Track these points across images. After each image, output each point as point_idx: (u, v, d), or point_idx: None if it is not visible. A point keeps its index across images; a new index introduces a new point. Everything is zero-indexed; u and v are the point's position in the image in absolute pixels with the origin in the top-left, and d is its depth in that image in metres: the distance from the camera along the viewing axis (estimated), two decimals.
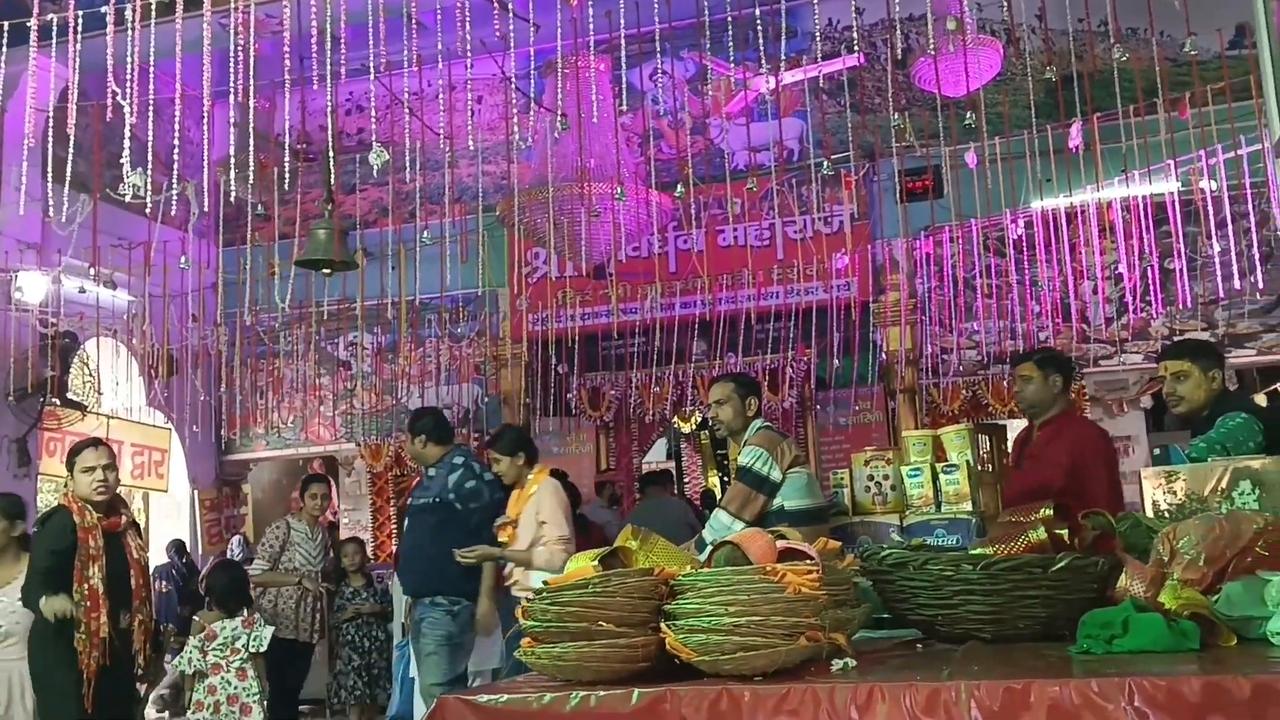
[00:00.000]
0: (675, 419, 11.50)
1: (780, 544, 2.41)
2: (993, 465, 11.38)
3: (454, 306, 10.37)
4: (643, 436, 12.09)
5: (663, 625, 2.18)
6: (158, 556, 10.97)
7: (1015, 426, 10.71)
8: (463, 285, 9.93)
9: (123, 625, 4.13)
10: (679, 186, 6.61)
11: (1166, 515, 3.07)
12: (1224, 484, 3.05)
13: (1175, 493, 3.11)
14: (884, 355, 9.68)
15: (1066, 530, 2.72)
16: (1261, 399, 9.14)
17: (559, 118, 5.49)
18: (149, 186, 5.16)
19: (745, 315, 9.69)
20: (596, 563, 2.31)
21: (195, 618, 6.10)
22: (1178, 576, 2.55)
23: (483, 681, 6.09)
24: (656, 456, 13.03)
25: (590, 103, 6.83)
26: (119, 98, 4.45)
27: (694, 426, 12.34)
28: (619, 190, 6.48)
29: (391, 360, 10.78)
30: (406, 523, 5.88)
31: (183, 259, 6.18)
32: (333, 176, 5.28)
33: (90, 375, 9.90)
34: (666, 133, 10.36)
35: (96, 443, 4.45)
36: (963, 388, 9.62)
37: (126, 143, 4.57)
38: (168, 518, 10.97)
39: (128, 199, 4.58)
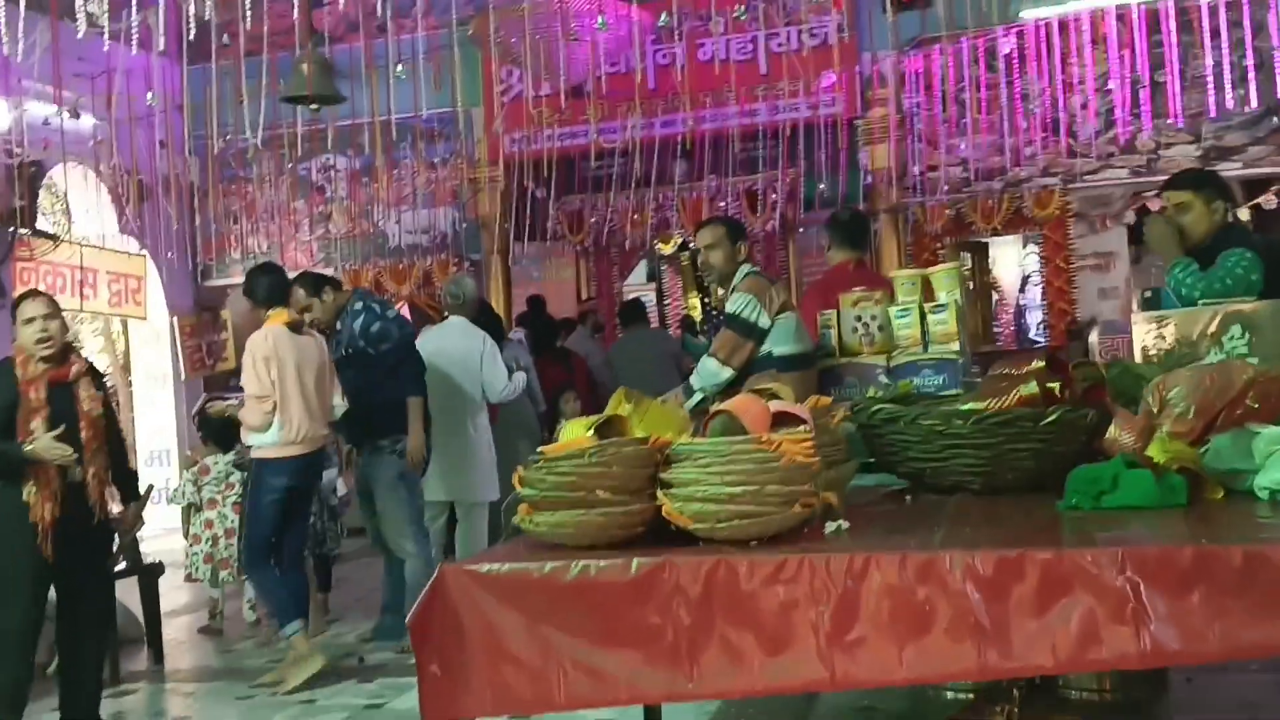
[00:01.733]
0: (656, 241, 11.41)
1: (774, 407, 2.41)
2: (974, 284, 11.40)
3: (429, 128, 10.09)
4: (623, 261, 12.05)
5: (659, 494, 2.20)
6: (142, 386, 11.01)
7: (997, 244, 10.78)
8: (437, 105, 9.63)
9: (74, 478, 4.01)
10: (663, 15, 6.33)
11: (1155, 360, 3.08)
12: (1214, 328, 3.06)
13: (1164, 338, 3.12)
14: (869, 177, 9.53)
15: (1059, 383, 2.73)
16: (1245, 213, 9.12)
17: None
18: (106, 12, 4.91)
19: (727, 135, 9.48)
20: (591, 431, 2.30)
21: (188, 452, 6.12)
22: (1167, 429, 2.57)
23: (477, 513, 6.21)
24: (637, 279, 13.00)
25: None
26: None
27: (674, 248, 12.26)
28: (600, 20, 6.23)
29: (366, 184, 10.57)
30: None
31: (150, 95, 5.92)
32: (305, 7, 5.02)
33: (60, 204, 9.69)
34: None
35: (35, 293, 4.31)
36: (948, 206, 9.53)
37: None
38: (147, 344, 10.96)
39: (81, 32, 4.36)
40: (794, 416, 2.39)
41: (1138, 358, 3.20)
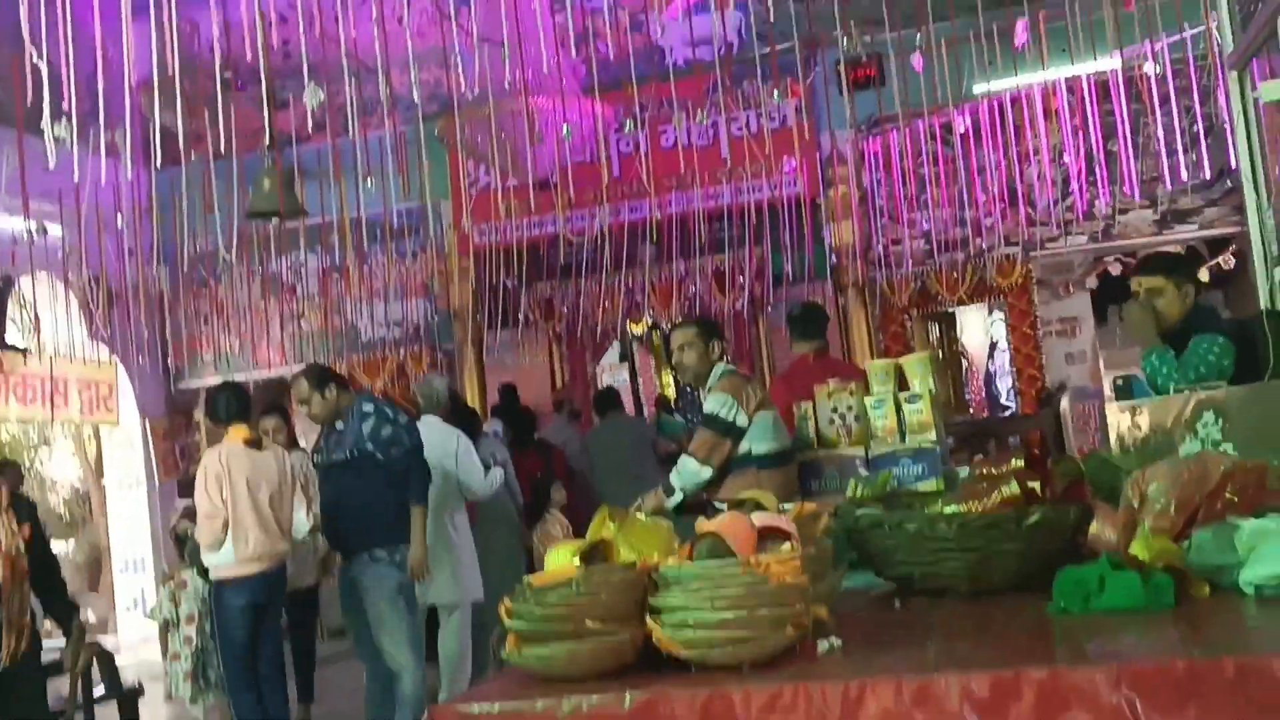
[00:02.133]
0: (628, 322, 11.47)
1: (758, 521, 2.42)
2: (943, 353, 11.51)
3: (398, 222, 10.16)
4: (595, 344, 12.08)
5: (649, 620, 2.19)
6: (115, 491, 10.87)
7: (964, 312, 10.90)
8: (405, 200, 9.71)
9: None
10: (628, 123, 6.46)
11: (1131, 450, 3.12)
12: (1188, 415, 3.09)
13: (1139, 426, 3.15)
14: (834, 257, 9.66)
15: (1038, 482, 2.75)
16: (1204, 274, 9.28)
17: (504, 56, 5.29)
18: (74, 135, 4.93)
19: (692, 217, 9.59)
20: (577, 559, 2.29)
21: (164, 568, 6.05)
22: (1149, 525, 2.59)
23: (462, 616, 6.11)
24: (610, 360, 13.04)
25: (525, 11, 6.61)
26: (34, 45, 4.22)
27: (646, 328, 12.32)
28: (565, 129, 6.33)
29: (337, 279, 10.60)
30: (323, 484, 5.57)
31: (119, 218, 5.96)
32: (269, 120, 5.08)
33: (28, 316, 9.65)
34: (602, 32, 10.08)
35: None
36: (911, 279, 9.65)
37: (46, 94, 4.35)
38: (120, 449, 10.86)
39: (52, 159, 4.38)
40: (780, 530, 2.39)
41: (1113, 443, 3.23)
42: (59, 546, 10.40)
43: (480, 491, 6.18)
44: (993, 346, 11.11)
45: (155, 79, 5.90)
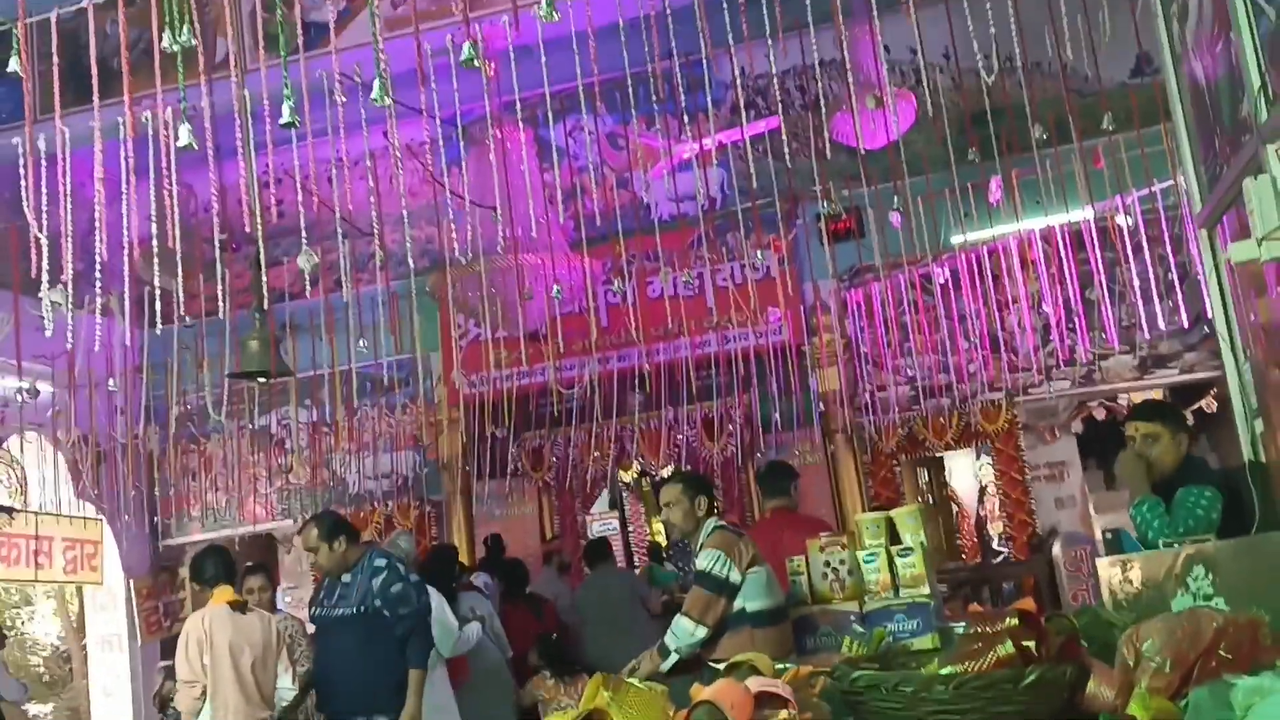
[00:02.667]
0: (617, 469, 11.47)
1: (754, 687, 2.41)
2: (933, 498, 11.46)
3: (388, 375, 10.25)
4: (585, 492, 12.06)
5: None
6: (96, 650, 10.64)
7: (952, 457, 10.94)
8: (395, 354, 9.82)
9: None
10: (616, 282, 6.63)
11: (1124, 605, 3.12)
12: (1178, 569, 3.11)
13: (1131, 581, 3.17)
14: (820, 406, 9.76)
15: (1034, 640, 2.75)
16: (1189, 417, 9.36)
17: (495, 217, 5.45)
18: (69, 300, 5.03)
19: (680, 365, 9.70)
20: None
21: None
22: (1145, 684, 2.58)
23: None
24: (600, 508, 12.99)
25: (515, 173, 6.82)
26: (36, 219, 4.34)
27: (635, 475, 12.32)
28: (555, 290, 6.48)
29: (327, 432, 10.62)
30: (320, 638, 5.41)
31: (111, 381, 6.05)
32: (262, 285, 5.19)
33: (15, 475, 9.61)
34: (589, 189, 10.38)
35: None
36: (899, 425, 9.72)
37: (45, 264, 4.45)
38: (104, 609, 10.67)
39: (49, 327, 4.45)
40: (775, 695, 2.38)
41: (1105, 597, 3.24)
42: (38, 709, 10.12)
43: (454, 649, 6.08)
44: (982, 491, 11.12)
45: (154, 243, 6.05)
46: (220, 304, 8.39)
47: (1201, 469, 3.94)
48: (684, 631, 3.92)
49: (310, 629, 5.84)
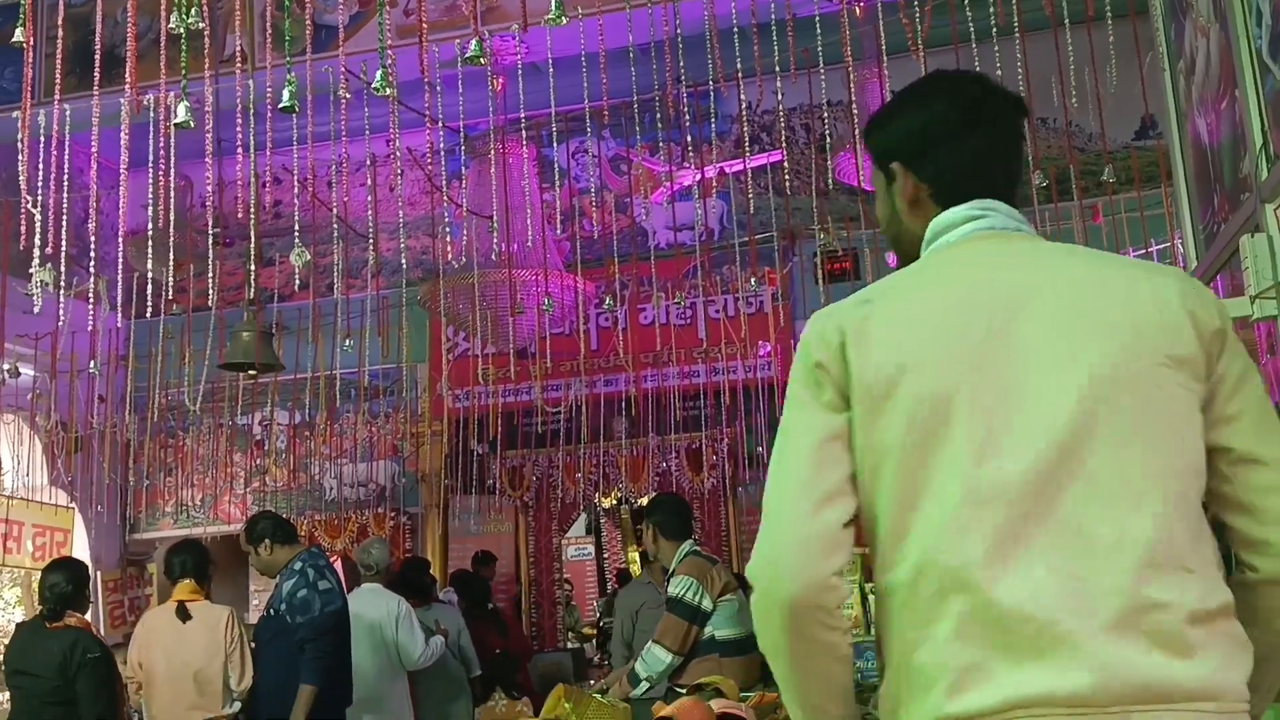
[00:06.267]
0: (597, 495, 11.42)
1: (717, 708, 2.37)
2: None
3: (372, 383, 10.20)
4: (563, 515, 11.99)
5: None
6: None
7: None
8: (382, 361, 9.78)
9: None
10: (607, 300, 6.63)
11: None
12: None
13: None
14: None
15: None
16: None
17: (491, 224, 5.44)
18: (60, 281, 4.99)
19: (667, 394, 9.68)
20: None
21: None
22: None
23: None
24: (576, 532, 12.92)
25: (515, 188, 6.82)
26: (30, 200, 4.31)
27: (614, 502, 12.26)
28: (547, 302, 6.47)
29: (307, 437, 10.55)
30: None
31: (93, 363, 6.01)
32: (253, 278, 5.17)
33: None
34: (588, 211, 10.39)
35: None
36: None
37: (37, 241, 4.42)
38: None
39: (37, 304, 4.42)
40: (739, 719, 2.34)
41: None
42: None
43: (419, 661, 6.02)
44: None
45: (150, 231, 6.03)
46: (209, 294, 8.37)
47: None
48: (655, 659, 3.87)
49: None
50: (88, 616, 5.33)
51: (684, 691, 2.94)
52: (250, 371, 5.90)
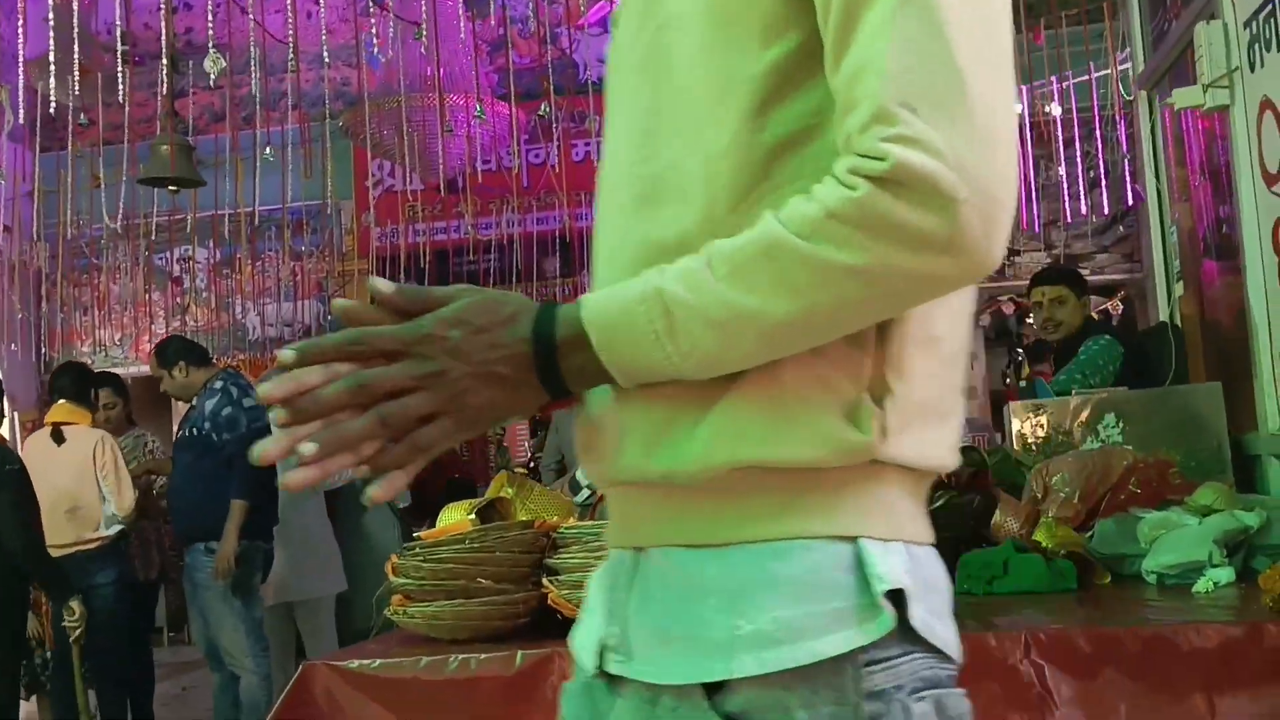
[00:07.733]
0: None
1: None
2: None
3: (295, 219, 9.89)
4: None
5: (545, 580, 2.08)
6: None
7: None
8: (305, 197, 9.45)
9: None
10: (543, 106, 6.40)
11: (1033, 449, 3.12)
12: (1087, 416, 3.11)
13: (1041, 426, 3.16)
14: None
15: None
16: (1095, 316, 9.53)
17: (419, 26, 5.17)
18: None
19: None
20: (473, 515, 2.18)
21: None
22: (1053, 514, 2.58)
23: (323, 611, 5.81)
24: None
25: (442, 11, 6.50)
26: None
27: None
28: (478, 109, 6.23)
29: (228, 275, 10.26)
30: (173, 461, 5.41)
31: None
32: (168, 84, 4.87)
33: None
34: (518, 42, 10.01)
35: None
36: None
37: None
38: None
39: None
40: None
41: (1015, 445, 3.24)
42: None
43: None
44: None
45: (52, 52, 5.66)
46: (123, 129, 7.97)
47: (1104, 327, 4.05)
48: None
49: None
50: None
51: None
52: (171, 188, 5.62)
